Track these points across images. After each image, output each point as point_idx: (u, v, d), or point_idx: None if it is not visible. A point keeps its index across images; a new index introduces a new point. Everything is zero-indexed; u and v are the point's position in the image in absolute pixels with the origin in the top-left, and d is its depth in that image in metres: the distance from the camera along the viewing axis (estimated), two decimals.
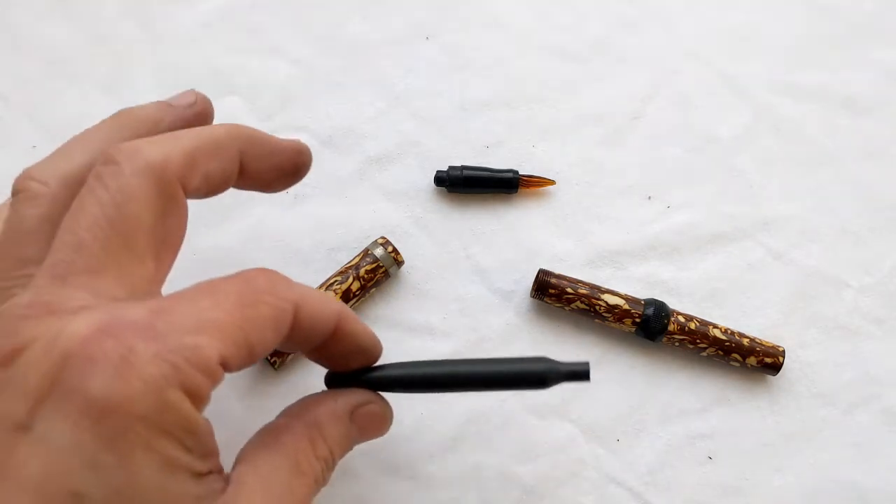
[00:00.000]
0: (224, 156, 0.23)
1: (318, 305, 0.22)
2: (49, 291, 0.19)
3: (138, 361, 0.17)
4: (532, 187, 0.36)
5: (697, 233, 0.37)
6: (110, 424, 0.17)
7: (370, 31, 0.39)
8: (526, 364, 0.25)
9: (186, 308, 0.19)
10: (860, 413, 0.35)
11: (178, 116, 0.25)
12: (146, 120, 0.24)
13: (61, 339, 0.17)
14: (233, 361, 0.19)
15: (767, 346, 0.34)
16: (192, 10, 0.39)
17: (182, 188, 0.21)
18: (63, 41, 0.38)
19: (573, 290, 0.34)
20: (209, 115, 0.26)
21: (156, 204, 0.20)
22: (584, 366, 0.24)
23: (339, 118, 0.38)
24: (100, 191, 0.20)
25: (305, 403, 0.24)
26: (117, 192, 0.20)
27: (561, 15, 0.40)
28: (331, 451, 0.23)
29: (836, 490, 0.34)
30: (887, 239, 0.37)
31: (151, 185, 0.20)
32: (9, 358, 0.18)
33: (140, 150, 0.20)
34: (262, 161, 0.24)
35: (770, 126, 0.39)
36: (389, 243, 0.34)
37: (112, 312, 0.18)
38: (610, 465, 0.33)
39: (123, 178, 0.20)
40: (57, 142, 0.37)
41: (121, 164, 0.20)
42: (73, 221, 0.20)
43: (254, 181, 0.25)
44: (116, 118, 0.24)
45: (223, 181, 0.23)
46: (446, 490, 0.33)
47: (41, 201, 0.21)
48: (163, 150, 0.21)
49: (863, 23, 0.40)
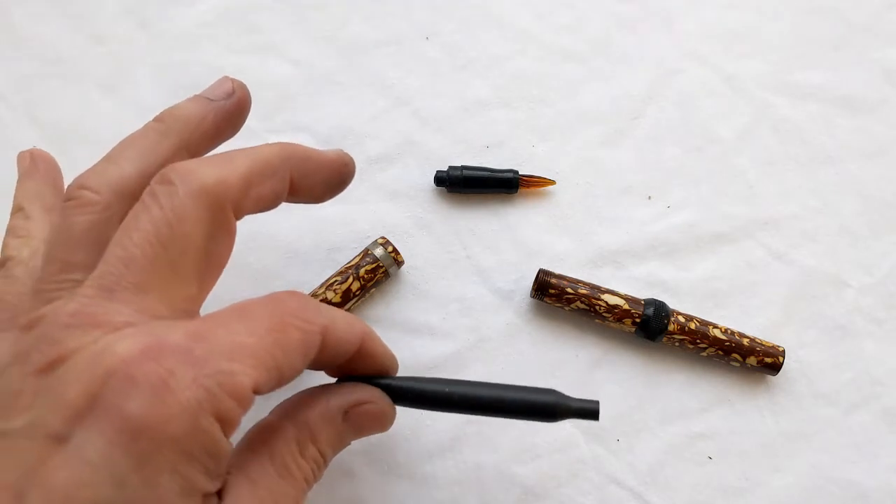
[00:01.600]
0: (276, 178, 0.23)
1: (345, 328, 0.22)
2: (95, 303, 0.19)
3: (177, 386, 0.18)
4: (532, 187, 0.36)
5: (697, 233, 0.37)
6: (143, 445, 0.17)
7: (370, 31, 0.39)
8: (536, 395, 0.25)
9: (222, 333, 0.19)
10: (860, 413, 0.35)
11: (220, 110, 0.25)
12: (190, 120, 0.24)
13: (105, 356, 0.18)
14: (264, 386, 0.20)
15: (767, 346, 0.34)
16: (192, 10, 0.39)
17: (234, 210, 0.22)
18: (63, 41, 0.38)
19: (573, 290, 0.34)
20: (248, 103, 0.26)
21: (206, 226, 0.21)
22: (594, 404, 0.25)
23: (339, 118, 0.38)
24: (154, 209, 0.20)
25: (298, 401, 0.24)
26: (171, 211, 0.20)
27: (561, 15, 0.40)
28: (321, 452, 0.23)
29: (836, 490, 0.34)
30: (887, 239, 0.37)
31: (204, 207, 0.21)
32: (51, 366, 0.18)
33: (195, 171, 0.21)
34: (311, 177, 0.25)
35: (770, 126, 0.39)
36: (389, 243, 0.34)
37: (154, 334, 0.19)
38: (610, 465, 0.33)
39: (178, 199, 0.20)
40: (57, 142, 0.37)
41: (176, 184, 0.20)
42: (125, 236, 0.20)
43: (303, 197, 0.25)
44: (161, 122, 0.24)
45: (274, 200, 0.24)
46: (446, 490, 0.33)
47: (92, 209, 0.22)
48: (218, 174, 0.21)
49: (862, 23, 0.40)
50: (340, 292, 0.33)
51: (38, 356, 0.18)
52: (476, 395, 0.25)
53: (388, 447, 0.33)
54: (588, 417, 0.25)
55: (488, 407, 0.25)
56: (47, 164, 0.27)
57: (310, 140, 0.37)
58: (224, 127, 0.25)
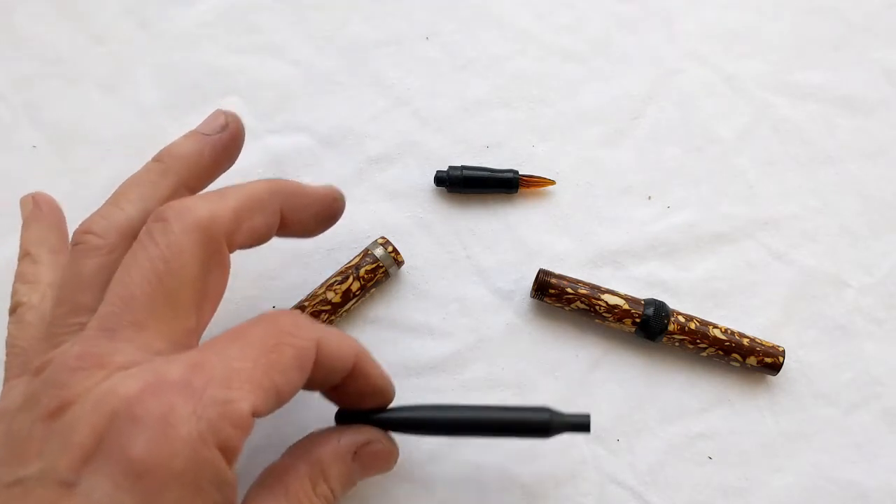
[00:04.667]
0: (267, 212, 0.24)
1: (338, 343, 0.23)
2: (98, 344, 0.20)
3: (178, 420, 0.18)
4: (532, 187, 0.36)
5: (697, 233, 0.37)
6: (148, 484, 0.18)
7: (370, 31, 0.39)
8: (530, 413, 0.26)
9: (218, 361, 0.20)
10: (860, 413, 0.35)
11: (216, 144, 0.26)
12: (187, 157, 0.25)
13: (109, 398, 0.19)
14: (263, 408, 0.20)
15: (767, 346, 0.34)
16: (192, 10, 0.39)
17: (227, 244, 0.23)
18: (63, 41, 0.38)
19: (573, 290, 0.34)
20: (242, 134, 0.27)
21: (202, 260, 0.22)
22: (585, 418, 0.26)
23: (339, 118, 0.38)
24: (151, 247, 0.21)
25: (309, 441, 0.25)
26: (167, 248, 0.21)
27: (561, 15, 0.40)
28: (332, 490, 0.24)
29: (836, 490, 0.34)
30: (887, 239, 0.37)
31: (199, 242, 0.21)
32: (59, 410, 0.19)
33: (189, 208, 0.22)
34: (302, 212, 0.26)
35: (770, 126, 0.39)
36: (389, 243, 0.34)
37: (155, 370, 0.19)
38: (610, 465, 0.33)
39: (173, 236, 0.21)
40: (57, 142, 0.37)
41: (170, 221, 0.21)
42: (124, 275, 0.21)
43: (294, 231, 0.26)
44: (160, 161, 0.25)
45: (265, 234, 0.25)
46: (446, 490, 0.33)
47: (97, 253, 0.22)
48: (210, 209, 0.22)
49: (863, 23, 0.40)
50: (340, 292, 0.33)
51: (46, 401, 0.19)
52: (473, 419, 0.26)
53: None
54: (580, 431, 0.26)
55: (485, 428, 0.26)
56: (50, 207, 0.28)
57: (310, 140, 0.37)
58: (221, 159, 0.26)
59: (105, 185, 0.35)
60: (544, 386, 0.34)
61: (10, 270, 0.35)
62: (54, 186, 0.35)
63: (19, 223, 0.28)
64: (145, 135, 0.37)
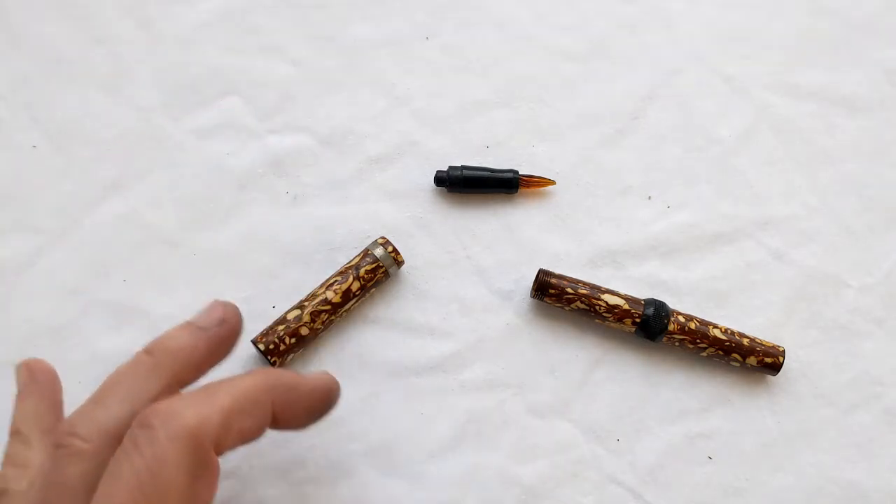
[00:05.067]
0: (259, 412, 0.23)
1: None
2: None
3: None
4: (532, 187, 0.36)
5: (697, 233, 0.37)
6: None
7: (370, 31, 0.39)
8: None
9: None
10: (861, 413, 0.35)
11: (212, 339, 0.25)
12: (180, 353, 0.24)
13: None
14: None
15: (767, 346, 0.34)
16: (192, 10, 0.39)
17: (216, 448, 0.22)
18: (63, 41, 0.38)
19: (573, 290, 0.34)
20: (240, 327, 0.26)
21: (189, 468, 0.21)
22: None
23: (339, 118, 0.37)
24: (135, 457, 0.20)
25: None
26: (152, 459, 0.20)
27: (561, 15, 0.40)
28: None
29: (836, 490, 0.34)
30: (887, 239, 0.37)
31: (185, 450, 0.21)
32: None
33: (176, 413, 0.21)
34: (295, 407, 0.25)
35: (770, 126, 0.39)
36: (389, 243, 0.34)
37: None
38: (610, 465, 0.33)
39: (159, 445, 0.20)
40: (57, 142, 0.37)
41: (156, 429, 0.20)
42: (108, 487, 0.20)
43: (284, 426, 0.25)
44: (151, 355, 0.24)
45: (256, 434, 0.24)
46: (446, 490, 0.33)
47: (82, 457, 0.22)
48: (198, 414, 0.21)
49: (863, 23, 0.40)
50: (340, 292, 0.33)
51: None
52: None
53: (388, 447, 0.33)
54: None
55: None
56: (46, 377, 0.27)
57: (310, 140, 0.37)
58: (216, 354, 0.25)
59: (105, 185, 0.35)
60: (544, 386, 0.34)
61: (8, 270, 0.35)
62: (54, 186, 0.35)
63: (19, 223, 0.28)
64: (145, 135, 0.37)
